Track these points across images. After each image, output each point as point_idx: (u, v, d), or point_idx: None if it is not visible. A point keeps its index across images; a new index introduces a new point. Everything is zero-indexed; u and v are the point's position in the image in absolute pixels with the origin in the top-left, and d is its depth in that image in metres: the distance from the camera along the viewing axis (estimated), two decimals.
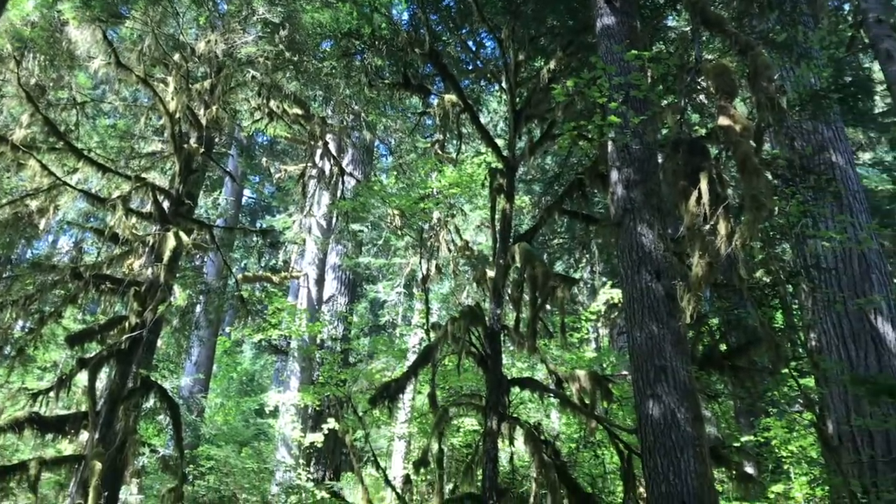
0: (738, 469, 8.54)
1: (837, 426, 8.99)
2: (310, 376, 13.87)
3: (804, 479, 10.67)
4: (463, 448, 12.14)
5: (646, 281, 6.66)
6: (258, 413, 18.58)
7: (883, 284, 9.42)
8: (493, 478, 8.24)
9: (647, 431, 6.21)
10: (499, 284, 9.11)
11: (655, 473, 5.99)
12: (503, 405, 8.73)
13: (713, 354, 7.97)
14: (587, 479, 11.03)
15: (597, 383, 8.92)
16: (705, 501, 5.74)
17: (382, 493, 12.38)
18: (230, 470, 10.14)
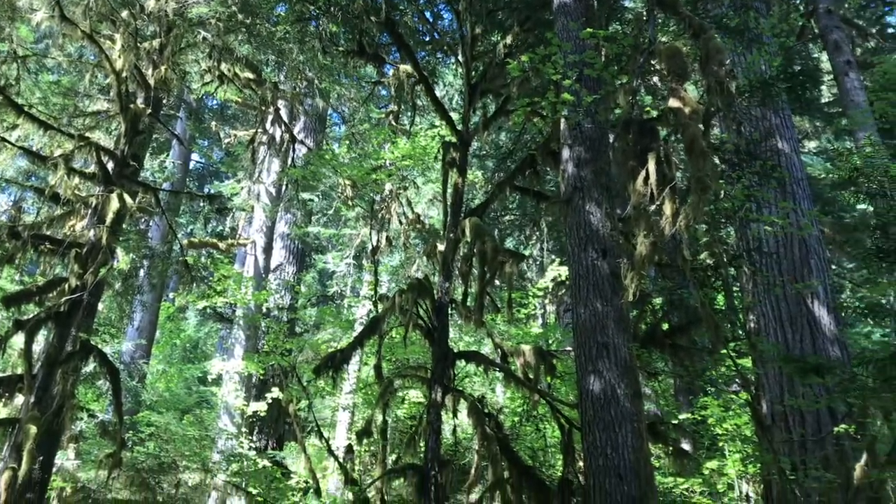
0: (675, 445, 8.77)
1: (771, 406, 9.26)
2: (255, 345, 13.75)
3: (737, 457, 11.00)
4: (407, 419, 12.20)
5: (592, 259, 6.74)
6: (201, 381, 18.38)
7: (821, 270, 9.68)
8: (436, 449, 8.30)
9: (587, 406, 6.32)
10: (448, 258, 9.13)
11: (594, 447, 6.11)
12: (448, 378, 8.79)
13: (655, 333, 8.12)
14: (528, 452, 11.19)
15: (541, 358, 9.03)
16: (641, 475, 5.88)
17: (325, 462, 12.37)
18: (171, 437, 10.03)
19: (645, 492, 5.83)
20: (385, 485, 9.41)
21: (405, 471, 8.51)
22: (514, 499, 8.24)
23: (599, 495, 5.92)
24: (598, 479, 5.98)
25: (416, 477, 8.28)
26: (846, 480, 7.36)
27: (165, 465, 9.70)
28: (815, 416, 8.87)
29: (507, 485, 8.28)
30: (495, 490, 8.18)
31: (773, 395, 9.26)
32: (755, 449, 10.17)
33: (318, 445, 12.26)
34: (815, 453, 8.55)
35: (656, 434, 8.26)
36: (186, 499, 9.80)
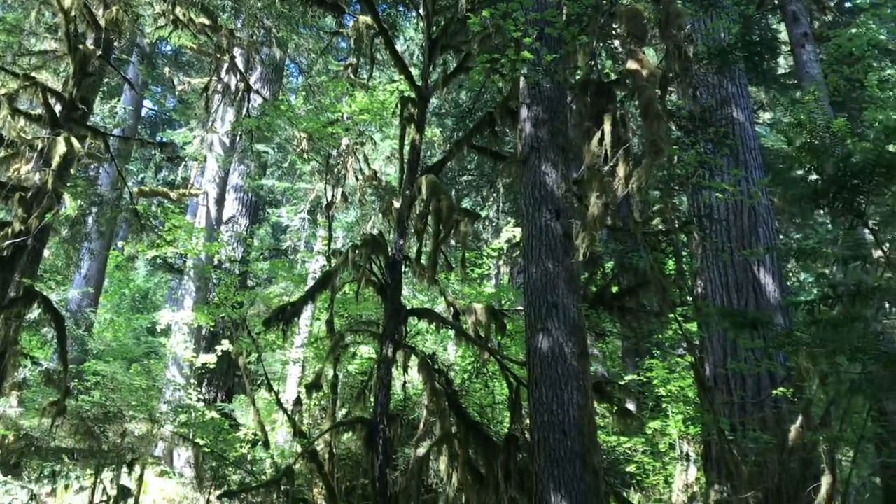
0: (620, 405, 8.95)
1: (714, 369, 9.51)
2: (205, 297, 13.60)
3: (680, 418, 11.32)
4: (358, 375, 12.24)
5: (546, 219, 6.77)
6: (150, 332, 18.15)
7: (768, 238, 9.90)
8: (386, 403, 8.36)
9: (535, 363, 6.41)
10: (403, 215, 9.09)
11: (540, 404, 6.21)
12: (400, 334, 8.81)
13: (604, 295, 8.24)
14: (477, 408, 11.35)
15: (492, 317, 9.10)
16: (585, 431, 6.01)
17: (275, 415, 12.38)
18: (117, 386, 9.90)
19: (588, 447, 5.96)
20: (334, 438, 9.46)
21: (354, 424, 8.56)
22: (461, 453, 8.36)
23: (544, 450, 6.04)
24: (543, 435, 6.09)
25: (364, 430, 8.34)
26: (782, 441, 7.61)
27: (111, 415, 9.59)
28: (755, 379, 9.14)
29: (454, 439, 8.38)
30: (442, 444, 8.28)
31: (717, 358, 9.50)
32: (697, 410, 10.46)
33: (267, 398, 12.24)
34: (754, 415, 8.83)
35: (602, 393, 8.42)
36: (132, 448, 9.73)
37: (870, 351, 4.22)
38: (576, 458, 5.89)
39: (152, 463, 11.27)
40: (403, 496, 8.36)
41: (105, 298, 17.80)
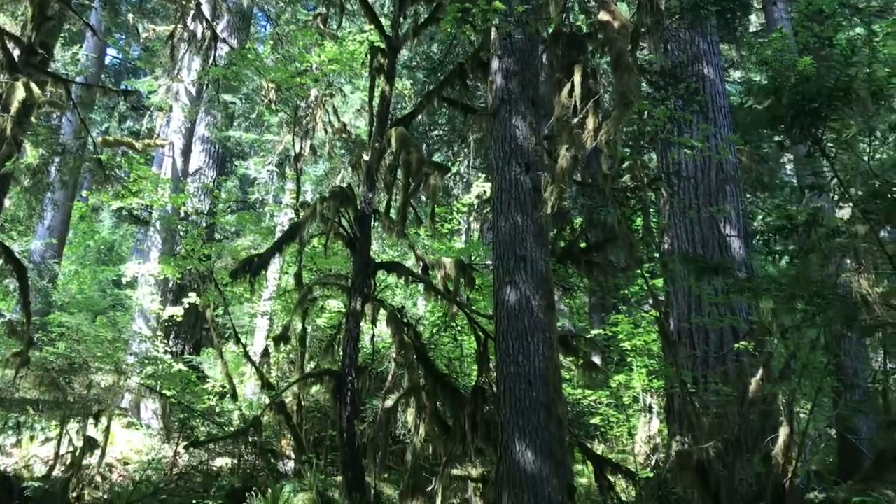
0: (585, 358, 9.09)
1: (678, 324, 9.65)
2: (171, 249, 13.43)
3: (644, 372, 11.51)
4: (327, 329, 12.23)
5: (515, 173, 6.77)
6: (116, 284, 17.94)
7: (735, 196, 9.99)
8: (354, 356, 8.40)
9: (502, 316, 6.46)
10: (373, 167, 9.03)
11: (507, 355, 6.28)
12: (369, 287, 8.82)
13: (572, 249, 8.29)
14: (445, 361, 11.43)
15: (461, 271, 9.13)
16: (550, 382, 6.09)
17: (243, 368, 12.38)
18: (82, 338, 9.79)
19: (552, 398, 6.05)
20: (302, 390, 9.50)
21: (322, 376, 8.60)
22: (429, 405, 8.45)
23: (509, 400, 6.12)
24: (509, 385, 6.17)
25: (332, 382, 8.39)
26: (742, 394, 7.77)
27: (76, 366, 9.51)
28: (718, 334, 9.31)
29: (422, 391, 8.46)
30: (410, 396, 8.36)
31: (681, 313, 9.64)
32: (661, 364, 10.64)
33: (235, 352, 12.20)
34: (716, 369, 9.00)
35: (568, 346, 8.53)
36: (98, 400, 9.67)
37: (826, 296, 4.29)
38: (540, 408, 5.98)
39: (119, 414, 11.22)
40: (371, 447, 8.45)
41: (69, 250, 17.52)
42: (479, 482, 8.54)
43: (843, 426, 9.10)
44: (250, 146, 19.17)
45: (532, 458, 5.82)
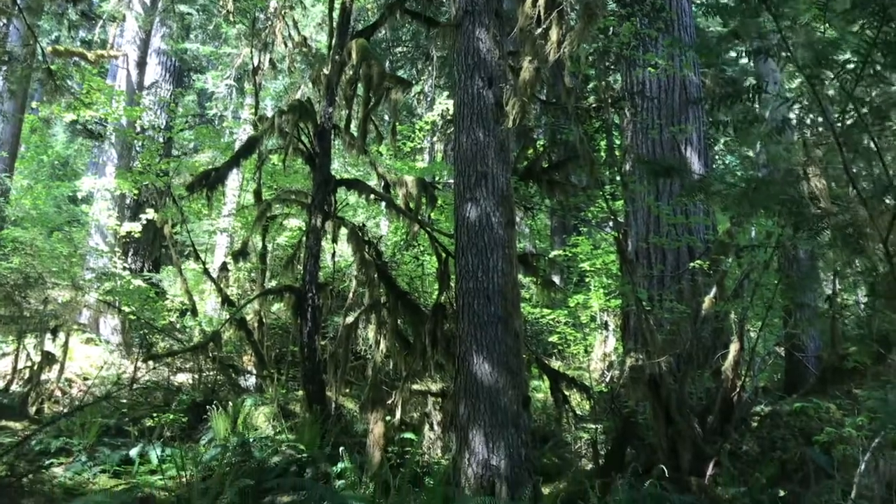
0: (545, 277, 9.20)
1: (637, 244, 9.79)
2: (128, 164, 13.13)
3: (602, 292, 11.72)
4: (288, 247, 12.18)
5: (478, 87, 6.68)
6: (72, 200, 17.55)
7: (698, 118, 10.02)
8: (314, 272, 8.38)
9: (462, 232, 6.47)
10: (333, 81, 8.83)
11: (466, 271, 6.32)
12: (329, 204, 8.75)
13: (534, 168, 8.28)
14: (406, 280, 11.49)
15: (423, 189, 9.09)
16: (508, 297, 6.16)
17: (203, 286, 12.31)
18: (37, 252, 9.62)
19: (510, 312, 6.13)
20: (263, 306, 9.50)
21: (282, 292, 8.60)
22: (390, 321, 8.52)
23: (468, 314, 6.19)
24: (468, 300, 6.23)
25: (293, 298, 8.39)
26: (695, 312, 7.96)
27: (32, 281, 9.36)
28: (675, 254, 9.47)
29: (383, 308, 8.52)
30: (371, 312, 8.41)
31: (640, 234, 9.77)
32: (618, 284, 10.81)
33: (195, 269, 12.11)
34: (672, 288, 9.19)
35: (527, 265, 8.61)
36: (56, 315, 9.57)
37: (777, 196, 4.33)
38: (498, 322, 6.07)
39: (77, 330, 11.15)
40: (332, 362, 8.54)
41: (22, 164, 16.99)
42: (439, 397, 8.72)
43: (791, 344, 9.40)
44: (208, 59, 18.58)
45: (489, 369, 5.93)
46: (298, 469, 6.98)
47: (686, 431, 6.70)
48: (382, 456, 7.25)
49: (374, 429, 7.50)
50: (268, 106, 16.20)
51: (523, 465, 5.81)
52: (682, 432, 6.70)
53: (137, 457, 7.11)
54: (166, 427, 8.13)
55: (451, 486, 5.78)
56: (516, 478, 5.69)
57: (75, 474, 6.71)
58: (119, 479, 6.71)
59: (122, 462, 7.13)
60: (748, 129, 5.66)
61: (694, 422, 6.93)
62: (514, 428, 5.88)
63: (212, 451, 7.12)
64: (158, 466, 6.93)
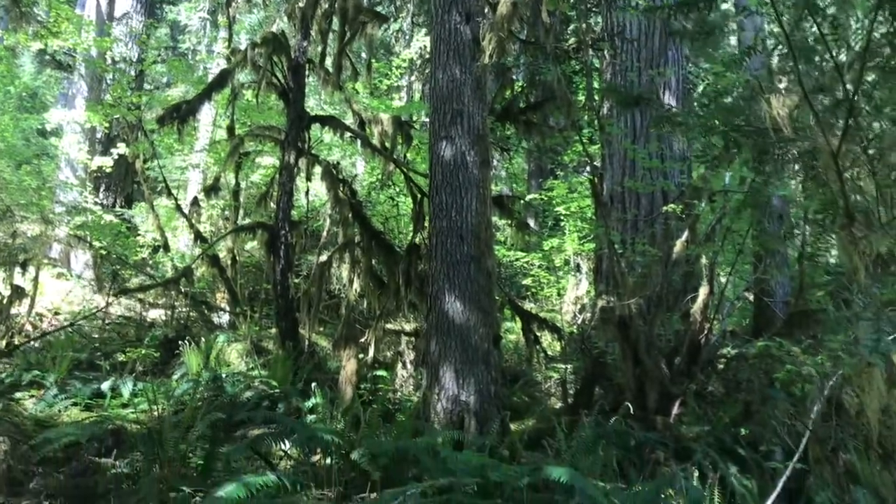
0: (519, 219, 9.21)
1: (612, 187, 9.81)
2: (98, 96, 12.82)
3: (576, 236, 11.77)
4: (262, 185, 12.06)
5: (455, 22, 6.56)
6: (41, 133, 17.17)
7: (677, 62, 9.95)
8: (287, 210, 8.32)
9: (437, 171, 6.43)
10: (307, 14, 8.63)
11: (440, 209, 6.30)
12: (303, 140, 8.64)
13: (511, 108, 8.20)
14: (381, 220, 11.46)
15: (399, 127, 9.00)
16: (481, 237, 6.17)
17: (175, 223, 12.17)
18: (5, 185, 9.44)
19: (483, 252, 6.15)
20: (235, 243, 9.45)
21: (255, 229, 8.54)
22: (364, 260, 8.52)
23: (441, 253, 6.20)
24: (441, 239, 6.23)
25: (265, 235, 8.34)
26: (667, 255, 8.02)
27: (0, 214, 9.21)
28: (649, 198, 9.51)
29: (356, 247, 8.50)
30: (344, 251, 8.40)
31: (615, 177, 9.78)
32: (593, 228, 10.85)
33: (168, 206, 11.96)
34: (645, 232, 9.25)
35: (502, 207, 8.60)
36: (25, 248, 9.44)
37: (742, 129, 4.33)
38: (471, 261, 6.08)
39: (48, 264, 11.02)
40: (305, 299, 8.54)
41: None
42: (412, 336, 8.79)
43: (759, 289, 9.53)
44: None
45: (461, 308, 5.97)
46: (270, 404, 7.05)
47: (653, 372, 6.82)
48: (354, 392, 7.32)
49: (346, 366, 7.55)
50: (242, 40, 15.81)
51: (492, 401, 5.90)
52: (649, 373, 6.82)
53: (109, 391, 7.11)
54: (138, 362, 8.13)
55: (420, 421, 5.86)
56: (485, 413, 5.79)
57: (46, 406, 6.70)
58: (90, 412, 6.71)
59: (94, 396, 7.13)
60: (705, 41, 5.59)
61: (661, 363, 7.05)
62: (485, 365, 5.95)
63: (184, 386, 7.14)
64: (130, 400, 6.95)
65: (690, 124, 4.65)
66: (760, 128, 3.78)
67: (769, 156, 3.90)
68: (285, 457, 5.83)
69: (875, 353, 1.97)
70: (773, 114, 3.58)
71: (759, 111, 4.22)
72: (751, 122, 4.64)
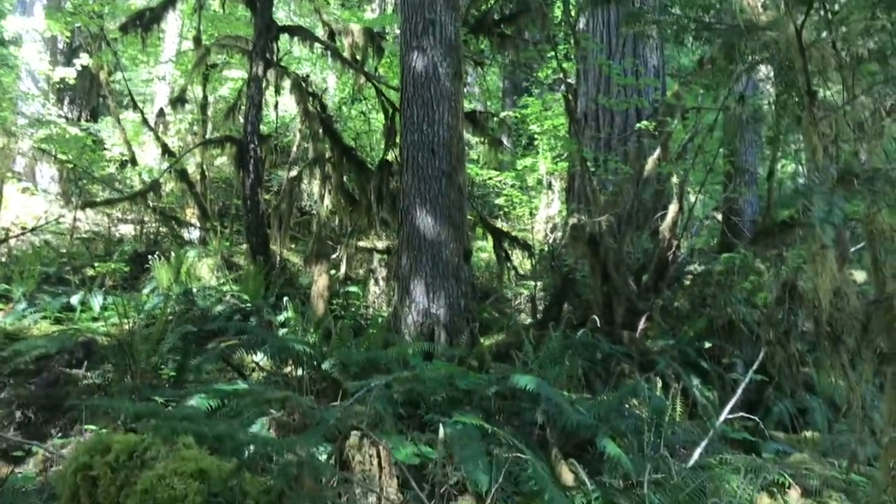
0: (492, 136, 9.13)
1: (586, 104, 9.74)
2: (58, 3, 12.32)
3: (550, 155, 11.74)
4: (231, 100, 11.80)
5: None
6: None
7: None
8: (256, 123, 8.17)
9: (408, 83, 6.32)
10: None
11: (411, 123, 6.22)
12: (271, 52, 8.42)
13: (485, 20, 8.04)
14: (352, 135, 11.31)
15: (370, 39, 8.80)
16: (453, 151, 6.12)
17: (143, 137, 11.90)
18: None
19: (454, 166, 6.11)
20: (204, 157, 9.30)
21: (223, 142, 8.40)
22: (335, 176, 8.44)
23: (412, 168, 6.15)
24: (412, 153, 6.17)
25: (234, 148, 8.21)
26: (639, 173, 8.04)
27: None
28: (623, 117, 9.47)
29: (327, 162, 8.41)
30: (315, 166, 8.30)
31: (590, 94, 9.70)
32: (565, 147, 10.81)
33: (134, 120, 11.67)
34: (618, 150, 9.24)
35: (476, 123, 8.53)
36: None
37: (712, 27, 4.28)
38: (442, 176, 6.05)
39: (12, 178, 10.79)
40: (275, 215, 8.48)
41: None
42: (385, 253, 8.80)
43: (728, 208, 9.62)
44: None
45: (432, 222, 5.97)
46: (242, 317, 7.07)
47: (621, 288, 6.93)
48: (326, 307, 7.36)
49: (318, 281, 7.56)
50: None
51: (462, 315, 5.97)
52: (617, 289, 6.92)
53: (79, 304, 7.07)
54: (108, 276, 8.08)
55: (391, 333, 5.93)
56: (455, 326, 5.86)
57: (16, 320, 6.66)
58: (60, 325, 6.70)
59: (63, 309, 7.08)
60: None
61: (630, 279, 7.16)
62: (455, 279, 5.99)
63: (154, 300, 7.12)
64: (100, 314, 6.93)
65: (662, 22, 4.59)
66: (732, 24, 3.73)
67: (738, 50, 3.86)
68: (257, 368, 5.90)
69: (825, 223, 2.01)
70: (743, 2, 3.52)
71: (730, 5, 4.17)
72: (722, 19, 4.60)
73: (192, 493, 1.89)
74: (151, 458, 2.01)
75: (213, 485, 1.95)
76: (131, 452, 2.02)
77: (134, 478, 1.94)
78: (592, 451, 4.09)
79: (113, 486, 1.94)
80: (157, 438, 2.09)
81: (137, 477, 1.93)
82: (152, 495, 1.88)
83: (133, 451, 2.02)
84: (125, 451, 2.01)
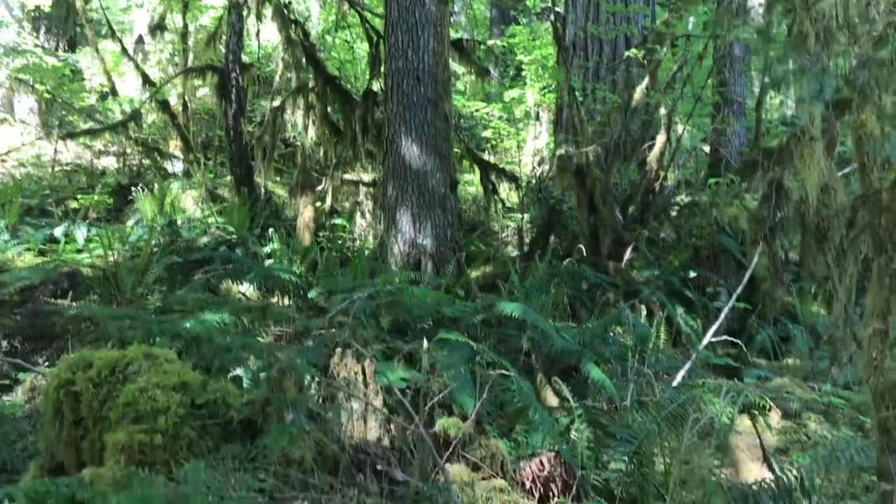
0: (479, 65, 8.97)
1: (575, 33, 9.57)
2: None
3: (538, 86, 11.59)
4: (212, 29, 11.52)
5: None
6: None
7: None
8: (237, 51, 8.00)
9: (392, 7, 6.19)
10: None
11: (396, 49, 6.10)
12: None
13: None
14: (336, 64, 11.10)
15: None
16: (438, 79, 6.03)
17: (123, 68, 11.63)
18: None
19: (440, 94, 6.03)
20: (186, 88, 9.13)
21: (204, 71, 8.23)
22: (319, 105, 8.31)
23: (397, 95, 6.06)
24: (397, 81, 6.07)
25: (216, 77, 8.05)
26: (627, 103, 7.96)
27: None
28: (612, 45, 9.32)
29: (311, 92, 8.27)
30: (298, 96, 8.17)
31: (579, 22, 9.53)
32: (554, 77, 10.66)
33: (113, 50, 11.38)
34: (606, 80, 9.12)
35: (462, 51, 8.36)
36: None
37: None
38: (428, 104, 5.97)
39: None
40: (259, 146, 8.38)
41: None
42: (371, 186, 8.73)
43: (716, 139, 9.57)
44: None
45: (417, 152, 5.91)
46: (228, 248, 7.03)
47: (608, 219, 6.93)
48: (312, 238, 7.35)
49: (303, 212, 7.53)
50: None
51: (448, 244, 5.97)
52: (604, 219, 6.93)
53: (63, 236, 7.02)
54: (91, 208, 8.00)
55: (378, 263, 5.94)
56: (441, 255, 5.87)
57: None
58: (45, 256, 6.65)
59: (47, 241, 7.04)
60: None
61: (616, 210, 7.15)
62: (441, 209, 5.97)
63: (139, 232, 7.08)
64: (85, 245, 6.88)
65: None
66: None
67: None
68: (244, 298, 5.90)
69: (816, 100, 1.99)
70: None
71: None
72: None
73: (174, 404, 1.91)
74: (133, 373, 2.02)
75: (196, 396, 1.96)
76: (113, 367, 2.02)
77: (116, 392, 1.95)
78: (577, 377, 4.14)
79: (95, 401, 1.95)
80: (139, 353, 2.09)
81: (119, 391, 1.94)
82: (134, 408, 1.89)
83: (115, 366, 2.03)
84: (107, 367, 2.02)
